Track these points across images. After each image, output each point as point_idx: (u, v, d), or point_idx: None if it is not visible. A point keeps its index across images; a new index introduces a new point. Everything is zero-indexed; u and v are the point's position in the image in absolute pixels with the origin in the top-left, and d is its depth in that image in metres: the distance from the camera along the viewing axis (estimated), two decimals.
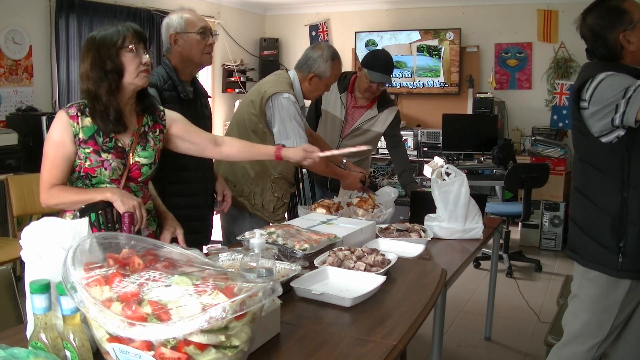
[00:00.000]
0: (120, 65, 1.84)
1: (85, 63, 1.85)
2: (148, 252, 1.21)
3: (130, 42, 1.85)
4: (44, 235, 1.24)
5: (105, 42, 1.84)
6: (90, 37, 1.88)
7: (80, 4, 4.80)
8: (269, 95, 2.65)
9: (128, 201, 1.80)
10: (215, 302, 1.01)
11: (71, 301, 1.05)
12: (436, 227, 2.51)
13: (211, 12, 6.32)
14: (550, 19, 5.84)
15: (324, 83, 2.76)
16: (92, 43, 1.86)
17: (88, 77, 1.84)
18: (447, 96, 6.37)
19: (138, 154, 1.95)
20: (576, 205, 1.94)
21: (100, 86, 1.83)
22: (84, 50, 1.89)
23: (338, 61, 2.75)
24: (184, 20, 2.34)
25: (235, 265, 1.64)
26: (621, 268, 1.77)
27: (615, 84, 1.72)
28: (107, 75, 1.83)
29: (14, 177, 3.75)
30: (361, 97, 3.27)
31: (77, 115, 1.85)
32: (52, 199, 1.84)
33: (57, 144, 1.84)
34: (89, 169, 1.87)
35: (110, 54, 1.83)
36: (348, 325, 1.51)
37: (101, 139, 1.87)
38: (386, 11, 6.67)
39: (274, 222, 2.72)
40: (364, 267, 1.83)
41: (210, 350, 1.02)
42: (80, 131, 1.85)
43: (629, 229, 1.76)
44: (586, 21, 1.86)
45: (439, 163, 2.80)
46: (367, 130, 3.31)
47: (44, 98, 4.69)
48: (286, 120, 2.63)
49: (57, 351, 1.09)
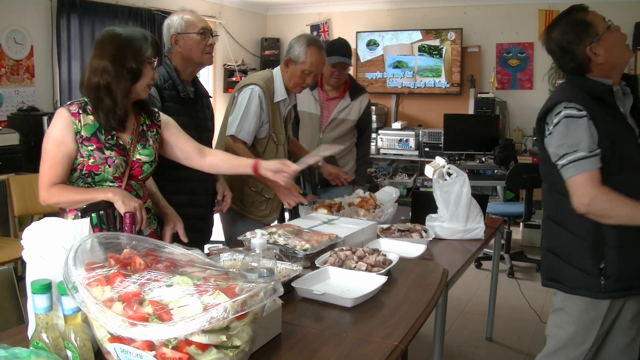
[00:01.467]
0: (140, 72, 1.85)
1: (103, 57, 1.83)
2: (149, 252, 1.21)
3: (153, 54, 1.88)
4: (46, 235, 1.24)
5: (133, 44, 1.84)
6: (113, 33, 1.87)
7: (82, 4, 4.81)
8: (238, 88, 2.69)
9: (129, 202, 1.80)
10: (216, 302, 1.01)
11: (72, 301, 1.05)
12: (437, 227, 2.51)
13: (212, 12, 6.32)
14: (551, 19, 5.80)
15: (300, 69, 2.66)
16: (115, 39, 1.85)
17: (105, 71, 1.82)
18: (449, 96, 6.37)
19: (139, 152, 1.95)
20: (551, 235, 1.94)
21: (118, 84, 1.82)
22: (102, 43, 1.86)
23: (315, 48, 2.65)
24: (185, 21, 2.36)
25: (237, 265, 1.64)
26: (604, 290, 1.79)
27: (567, 133, 1.75)
28: (127, 75, 1.83)
29: (16, 177, 3.75)
30: (330, 88, 3.36)
31: (78, 113, 1.84)
32: (52, 197, 1.83)
33: (58, 141, 1.83)
34: (93, 167, 1.86)
35: (136, 58, 1.84)
36: (349, 326, 1.50)
37: (103, 137, 1.87)
38: (387, 11, 6.67)
39: (256, 217, 2.73)
40: (365, 268, 1.83)
41: (212, 351, 1.02)
42: (82, 129, 1.84)
43: (607, 251, 1.77)
44: (552, 36, 1.86)
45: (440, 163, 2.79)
46: (344, 120, 3.38)
47: (45, 98, 4.69)
48: (238, 109, 2.63)
49: (59, 351, 1.09)
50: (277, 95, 2.72)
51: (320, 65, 2.71)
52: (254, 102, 2.62)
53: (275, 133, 2.72)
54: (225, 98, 6.81)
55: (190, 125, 2.37)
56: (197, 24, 2.36)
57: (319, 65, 2.69)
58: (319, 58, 2.68)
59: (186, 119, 2.35)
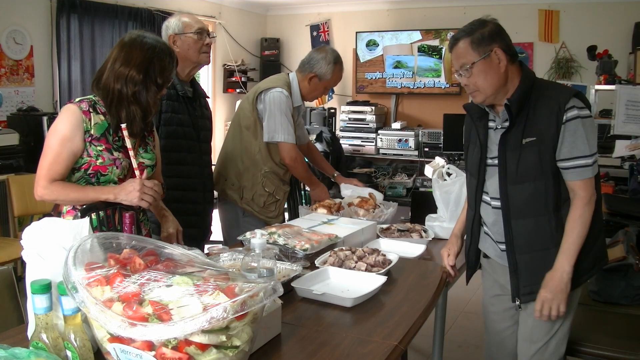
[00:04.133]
0: (161, 88, 1.88)
1: (130, 65, 1.81)
2: (149, 252, 1.21)
3: (171, 75, 1.92)
4: (45, 235, 1.24)
5: (164, 61, 1.86)
6: (148, 44, 1.84)
7: (82, 4, 4.81)
8: (262, 90, 2.70)
9: (130, 193, 1.77)
10: (216, 302, 1.01)
11: (72, 301, 1.05)
12: (437, 228, 2.50)
13: (212, 12, 6.32)
14: (551, 19, 5.83)
15: (323, 85, 2.78)
16: (150, 51, 1.84)
17: (131, 80, 1.80)
18: (448, 96, 6.37)
19: (141, 155, 1.94)
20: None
21: (148, 92, 1.83)
22: (130, 48, 1.83)
23: (340, 66, 2.78)
24: (182, 22, 2.42)
25: (236, 265, 1.64)
26: None
27: None
28: (154, 86, 1.85)
29: (15, 177, 3.75)
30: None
31: (89, 111, 1.80)
32: (51, 194, 1.77)
33: (66, 138, 1.77)
34: (101, 167, 1.82)
35: (163, 74, 1.86)
36: (349, 326, 1.50)
37: (111, 138, 1.85)
38: (387, 11, 6.67)
39: (266, 218, 2.75)
40: (365, 268, 1.83)
41: (211, 351, 1.02)
42: (92, 128, 1.80)
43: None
44: None
45: (440, 163, 2.79)
46: None
47: (45, 98, 4.69)
48: (276, 114, 2.66)
49: (58, 351, 1.09)
50: (295, 100, 2.78)
51: (340, 79, 2.85)
52: (287, 105, 2.69)
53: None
54: (225, 98, 6.81)
55: (188, 123, 2.42)
56: (194, 25, 2.42)
57: (339, 80, 2.85)
58: (341, 75, 2.82)
59: (184, 117, 2.40)
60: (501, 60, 1.72)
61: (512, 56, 1.75)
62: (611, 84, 4.16)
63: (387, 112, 6.71)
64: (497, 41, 1.73)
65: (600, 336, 2.10)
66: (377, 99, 6.64)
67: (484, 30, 1.74)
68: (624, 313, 2.39)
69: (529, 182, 1.75)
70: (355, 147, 6.39)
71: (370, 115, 6.32)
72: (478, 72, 1.74)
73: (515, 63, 1.78)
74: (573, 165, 1.70)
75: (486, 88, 1.76)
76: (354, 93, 6.81)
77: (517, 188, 1.77)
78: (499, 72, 1.73)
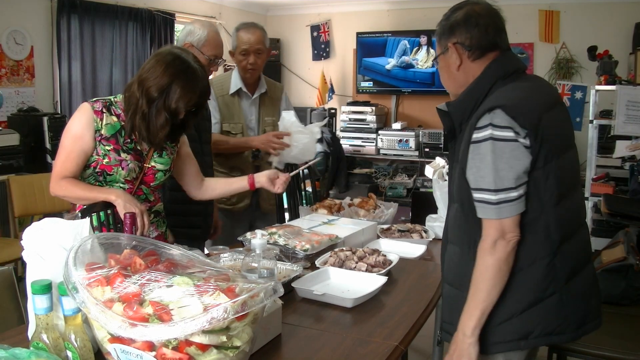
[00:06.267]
0: (175, 116, 1.81)
1: (153, 82, 1.75)
2: (149, 252, 1.21)
3: (194, 105, 1.82)
4: (46, 235, 1.24)
5: (186, 88, 1.76)
6: (181, 60, 1.78)
7: (82, 5, 4.80)
8: None
9: (131, 206, 1.77)
10: (216, 303, 1.01)
11: (72, 301, 1.05)
12: (438, 228, 2.50)
13: (212, 13, 6.32)
14: (551, 19, 5.83)
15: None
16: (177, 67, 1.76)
17: (149, 98, 1.76)
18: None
19: (154, 159, 1.94)
20: None
21: (156, 117, 1.79)
22: (162, 63, 1.76)
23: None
24: (205, 39, 2.39)
25: (237, 265, 1.64)
26: None
27: None
28: (165, 113, 1.78)
29: (16, 177, 3.75)
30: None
31: (102, 112, 1.83)
32: (60, 190, 1.83)
33: (77, 136, 1.82)
34: (106, 167, 1.85)
35: (178, 102, 1.77)
36: (349, 326, 1.50)
37: (122, 139, 1.86)
38: (387, 11, 6.67)
39: (229, 207, 2.75)
40: (366, 268, 1.83)
41: (212, 351, 1.02)
42: (103, 127, 1.83)
43: None
44: None
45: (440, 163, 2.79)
46: None
47: (46, 99, 4.69)
48: None
49: (59, 352, 1.09)
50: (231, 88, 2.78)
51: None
52: None
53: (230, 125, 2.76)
54: None
55: None
56: (212, 50, 2.40)
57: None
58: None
59: None
60: (457, 57, 1.48)
61: (477, 51, 1.46)
62: (611, 85, 4.15)
63: (388, 113, 6.71)
64: (455, 34, 1.48)
65: (601, 336, 2.10)
66: (377, 99, 6.64)
67: (448, 21, 1.52)
68: (624, 313, 2.39)
69: (455, 203, 1.50)
70: (356, 148, 6.38)
71: (371, 115, 6.32)
72: (440, 68, 1.55)
73: (483, 59, 1.47)
74: (477, 198, 1.35)
75: (447, 86, 1.58)
76: (354, 93, 6.81)
77: (451, 207, 1.54)
78: (455, 71, 1.50)
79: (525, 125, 1.32)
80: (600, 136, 4.37)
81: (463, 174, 1.40)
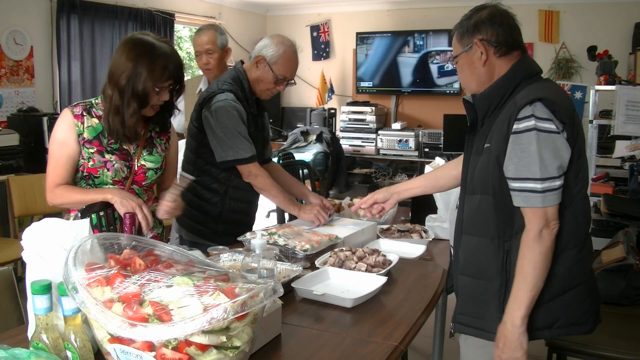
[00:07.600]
0: (146, 99, 1.79)
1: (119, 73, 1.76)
2: (149, 252, 1.21)
3: (168, 79, 1.79)
4: (46, 235, 1.24)
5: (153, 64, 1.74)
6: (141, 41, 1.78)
7: (82, 5, 4.81)
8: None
9: (128, 202, 1.78)
10: (216, 303, 1.01)
11: (72, 302, 1.05)
12: (437, 228, 2.50)
13: (212, 13, 6.32)
14: (551, 19, 5.84)
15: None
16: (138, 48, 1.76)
17: (119, 89, 1.76)
18: (449, 96, 6.37)
19: (144, 158, 1.94)
20: None
21: (127, 107, 1.78)
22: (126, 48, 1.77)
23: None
24: (278, 57, 2.24)
25: (237, 265, 1.64)
26: None
27: None
28: (134, 100, 1.77)
29: (16, 177, 3.75)
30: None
31: (82, 115, 1.84)
32: (56, 198, 1.84)
33: (61, 143, 1.84)
34: (92, 169, 1.86)
35: (146, 82, 1.75)
36: (349, 326, 1.50)
37: (106, 140, 1.86)
38: (387, 11, 6.67)
39: None
40: (365, 268, 1.83)
41: (212, 351, 1.02)
42: (84, 131, 1.84)
43: None
44: None
45: (440, 164, 2.79)
46: None
47: (45, 99, 4.69)
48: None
49: (58, 352, 1.09)
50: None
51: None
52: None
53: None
54: None
55: (255, 138, 2.33)
56: (283, 69, 2.26)
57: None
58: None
59: (252, 131, 2.30)
60: (483, 53, 1.52)
61: (503, 48, 1.52)
62: (611, 85, 4.16)
63: (387, 113, 6.72)
64: (481, 31, 1.52)
65: (601, 336, 2.10)
66: (377, 100, 6.64)
67: (471, 20, 1.55)
68: (624, 313, 2.39)
69: (477, 194, 1.53)
70: (356, 148, 6.39)
71: (371, 115, 6.32)
72: (461, 65, 1.59)
73: (509, 56, 1.53)
74: (519, 187, 1.40)
75: (468, 83, 1.60)
76: (354, 93, 6.82)
77: (470, 199, 1.56)
78: (480, 67, 1.53)
79: (564, 119, 1.40)
80: (600, 136, 4.38)
81: (497, 165, 1.45)
